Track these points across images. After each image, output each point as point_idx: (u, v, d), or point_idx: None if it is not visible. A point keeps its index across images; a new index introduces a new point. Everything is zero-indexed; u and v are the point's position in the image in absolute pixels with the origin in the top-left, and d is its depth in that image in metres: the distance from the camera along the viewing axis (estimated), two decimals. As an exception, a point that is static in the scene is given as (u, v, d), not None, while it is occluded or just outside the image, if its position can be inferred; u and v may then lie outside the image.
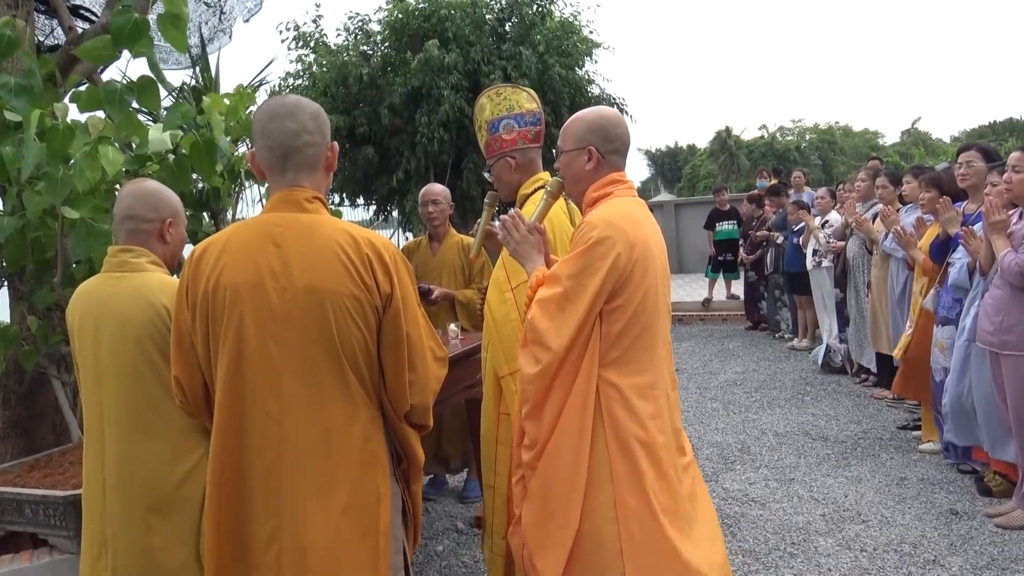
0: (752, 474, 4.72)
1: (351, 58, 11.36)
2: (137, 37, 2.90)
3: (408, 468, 2.06)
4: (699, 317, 11.10)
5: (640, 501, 2.08)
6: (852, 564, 3.47)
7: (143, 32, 2.91)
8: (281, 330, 1.82)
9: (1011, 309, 3.64)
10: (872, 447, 5.08)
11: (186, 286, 1.92)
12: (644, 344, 2.16)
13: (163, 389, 2.17)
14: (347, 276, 1.84)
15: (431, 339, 2.04)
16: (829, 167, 43.50)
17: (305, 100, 1.98)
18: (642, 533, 2.07)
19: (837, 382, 6.93)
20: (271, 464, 1.83)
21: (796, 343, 8.60)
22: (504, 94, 2.99)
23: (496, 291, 2.76)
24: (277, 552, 1.82)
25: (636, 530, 2.07)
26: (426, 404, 2.01)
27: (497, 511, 2.74)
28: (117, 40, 2.93)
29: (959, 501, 4.10)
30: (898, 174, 6.00)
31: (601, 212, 2.18)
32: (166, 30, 2.95)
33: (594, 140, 2.28)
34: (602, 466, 2.10)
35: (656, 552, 2.07)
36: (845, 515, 4.01)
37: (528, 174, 2.97)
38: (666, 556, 2.07)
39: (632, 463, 2.09)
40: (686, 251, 16.15)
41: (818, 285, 7.54)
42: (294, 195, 1.92)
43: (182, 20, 2.98)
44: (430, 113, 10.84)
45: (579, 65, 12.04)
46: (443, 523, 4.22)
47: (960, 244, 4.22)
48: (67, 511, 2.80)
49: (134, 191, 2.33)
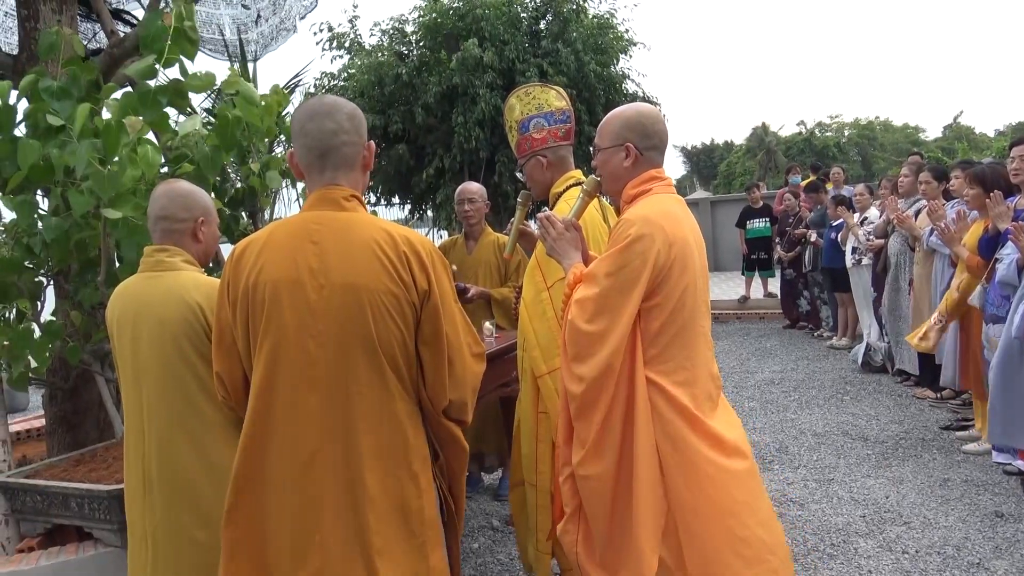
0: (790, 474, 4.66)
1: (387, 59, 11.44)
2: (160, 43, 3.02)
3: (449, 463, 2.06)
4: (736, 315, 10.99)
5: (695, 495, 2.06)
6: (893, 566, 3.41)
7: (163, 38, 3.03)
8: (319, 326, 1.84)
9: (1060, 307, 3.55)
10: (914, 447, 4.99)
11: (227, 283, 1.95)
12: (683, 342, 2.14)
13: (200, 386, 2.21)
14: (384, 273, 1.85)
15: (468, 335, 2.04)
16: (869, 163, 42.83)
17: (342, 100, 2.00)
18: (701, 526, 2.05)
19: (878, 381, 6.82)
20: (311, 458, 1.84)
21: (835, 341, 8.47)
22: (533, 93, 2.99)
23: (532, 290, 2.76)
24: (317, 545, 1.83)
25: (694, 524, 2.05)
26: (464, 400, 2.01)
27: (541, 509, 2.74)
28: (145, 46, 3.05)
29: (1004, 503, 4.00)
30: (942, 169, 5.88)
31: (639, 209, 2.17)
32: (178, 40, 3.07)
33: (632, 137, 2.26)
34: (652, 462, 2.08)
35: (718, 544, 2.05)
36: (886, 516, 3.94)
37: (560, 172, 2.96)
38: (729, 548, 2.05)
39: (683, 458, 2.08)
40: (722, 249, 16.01)
41: (858, 283, 7.42)
42: (332, 193, 1.93)
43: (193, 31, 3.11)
44: (466, 112, 10.87)
45: (614, 62, 11.99)
46: (478, 520, 4.23)
47: (1009, 239, 4.12)
48: (111, 505, 2.87)
49: (167, 192, 2.38)
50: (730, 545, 2.06)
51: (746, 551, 2.06)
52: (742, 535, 2.07)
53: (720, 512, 2.07)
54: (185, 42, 3.12)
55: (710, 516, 2.07)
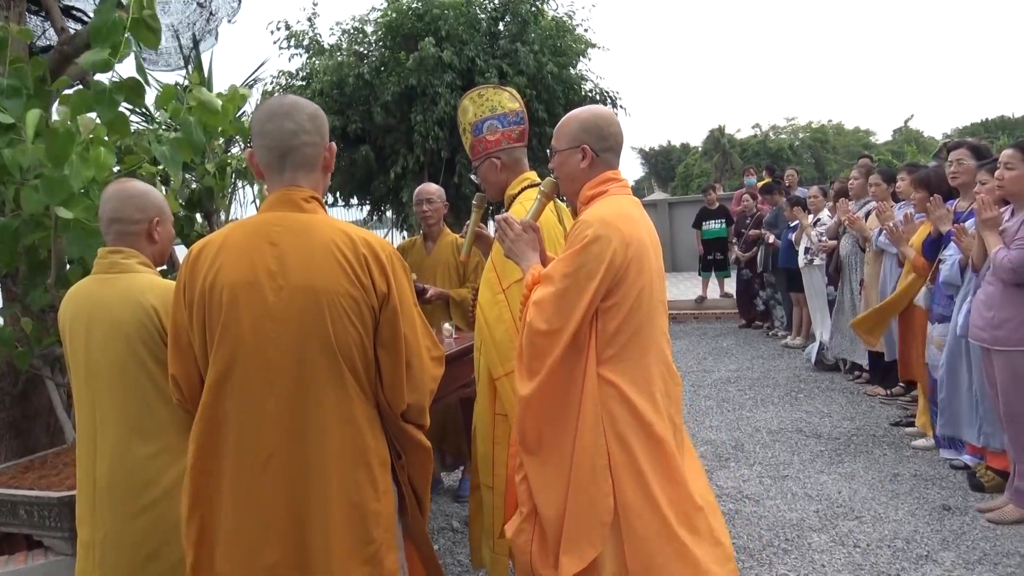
0: (746, 471, 4.74)
1: (346, 59, 11.35)
2: (116, 36, 2.92)
3: (412, 461, 2.06)
4: (693, 315, 11.12)
5: (640, 497, 2.09)
6: (846, 560, 3.49)
7: (119, 30, 2.93)
8: (277, 329, 1.83)
9: (1003, 305, 3.67)
10: (865, 443, 5.11)
11: (183, 285, 1.92)
12: (640, 342, 2.17)
13: (155, 390, 2.18)
14: (344, 275, 1.84)
15: (427, 338, 2.05)
16: (822, 165, 43.59)
17: (303, 100, 1.99)
18: (644, 527, 2.08)
19: (830, 379, 6.96)
20: (266, 462, 1.83)
21: (789, 340, 8.62)
22: (486, 95, 3.00)
23: (488, 292, 2.76)
24: (273, 547, 1.82)
25: (638, 525, 2.08)
26: (422, 403, 2.02)
27: (497, 511, 2.75)
28: (95, 39, 2.95)
29: (952, 497, 4.12)
30: (891, 171, 6.04)
31: (596, 210, 2.19)
32: (137, 30, 2.97)
33: (588, 139, 2.29)
34: (601, 462, 2.11)
35: (661, 547, 2.08)
36: (839, 511, 4.03)
37: (514, 174, 2.97)
38: (672, 552, 2.08)
39: (631, 459, 2.11)
40: (679, 250, 16.21)
41: (810, 283, 7.57)
42: (291, 195, 1.92)
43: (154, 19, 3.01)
44: (425, 112, 10.84)
45: (573, 64, 12.04)
46: (438, 522, 4.23)
47: (952, 241, 4.24)
48: (61, 512, 2.80)
49: (118, 193, 2.33)
50: (675, 551, 2.09)
51: (689, 559, 2.10)
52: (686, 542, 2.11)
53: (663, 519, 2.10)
54: (146, 31, 3.02)
55: (654, 521, 2.10)
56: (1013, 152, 3.73)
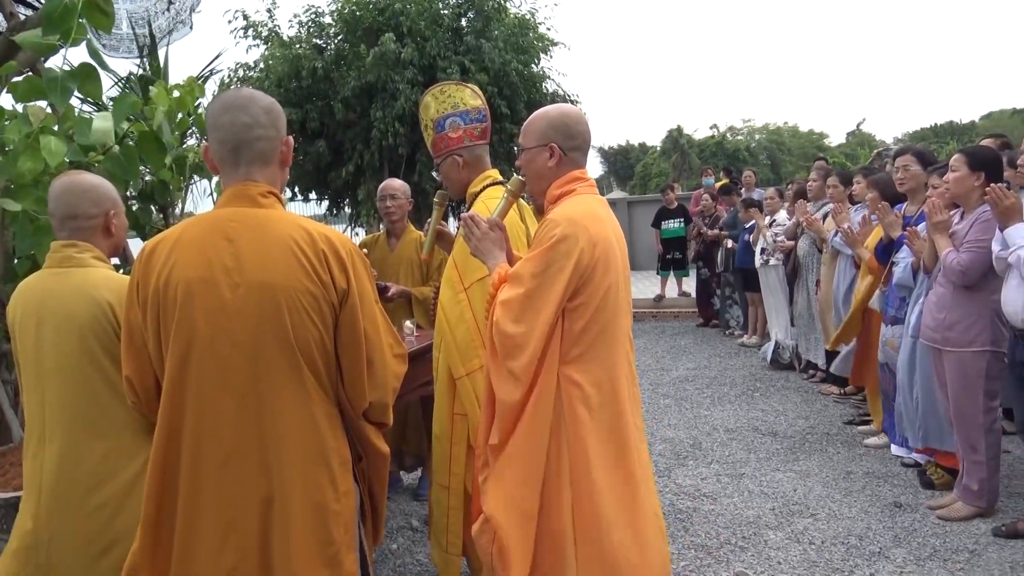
0: (704, 469, 4.79)
1: (304, 51, 11.21)
2: (68, 21, 2.82)
3: (370, 465, 2.04)
4: (651, 314, 11.20)
5: (595, 500, 2.10)
6: (801, 557, 3.54)
7: (72, 15, 2.83)
8: (233, 327, 1.79)
9: (953, 307, 3.75)
10: (819, 442, 5.19)
11: (137, 282, 1.87)
12: (606, 342, 2.17)
13: (108, 387, 2.12)
14: (302, 272, 1.81)
15: (389, 335, 2.02)
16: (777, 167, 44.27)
17: (259, 94, 1.94)
18: (597, 531, 2.09)
19: (786, 378, 7.07)
20: (224, 463, 1.79)
21: (746, 340, 8.73)
22: (448, 91, 2.98)
23: (449, 291, 2.74)
24: (233, 549, 1.79)
25: (592, 531, 2.09)
26: (385, 401, 1.99)
27: (452, 511, 2.73)
28: (49, 25, 2.85)
29: (903, 494, 4.21)
30: (848, 174, 6.14)
31: (564, 210, 2.18)
32: (91, 13, 2.87)
33: (556, 137, 2.28)
34: (562, 465, 2.11)
35: (611, 551, 2.09)
36: (794, 509, 4.09)
37: (477, 171, 2.96)
38: (618, 557, 2.09)
39: (590, 462, 2.11)
40: (638, 248, 16.31)
41: (766, 282, 7.67)
42: (248, 190, 1.88)
43: (107, 3, 2.91)
44: (385, 107, 10.75)
45: (535, 61, 12.05)
46: (397, 521, 4.19)
47: (904, 244, 4.33)
48: (7, 514, 2.71)
49: (71, 188, 2.25)
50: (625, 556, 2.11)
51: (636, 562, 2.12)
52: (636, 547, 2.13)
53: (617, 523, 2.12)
54: (99, 14, 2.93)
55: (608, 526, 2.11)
56: (958, 156, 3.83)
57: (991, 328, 3.68)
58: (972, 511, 3.81)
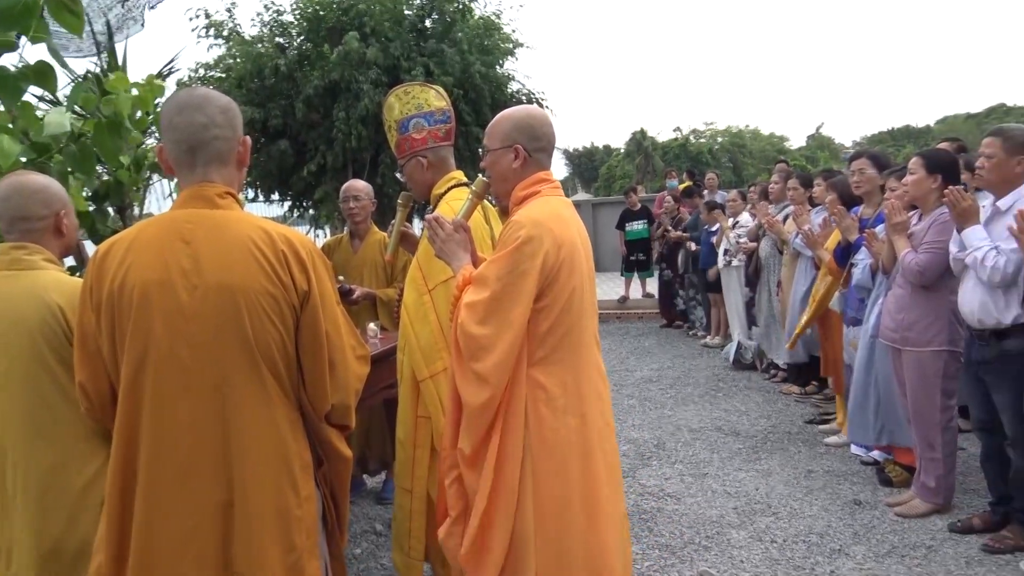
0: (668, 469, 4.81)
1: (266, 49, 11.08)
2: (27, 19, 2.73)
3: (331, 469, 2.01)
4: (616, 315, 11.27)
5: (560, 502, 2.09)
6: (763, 555, 3.57)
7: (33, 14, 2.75)
8: (192, 330, 1.76)
9: (911, 307, 3.82)
10: (781, 441, 5.25)
11: (90, 286, 1.83)
12: (571, 343, 2.16)
13: (59, 392, 2.07)
14: (262, 273, 1.78)
15: (351, 337, 2.00)
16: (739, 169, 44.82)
17: (215, 93, 1.91)
18: (556, 534, 2.09)
19: (748, 378, 7.14)
20: (184, 469, 1.75)
21: (709, 340, 8.81)
22: (412, 92, 2.96)
23: (413, 292, 2.72)
24: (194, 557, 1.75)
25: (552, 533, 2.09)
26: (347, 403, 1.97)
27: (415, 515, 2.71)
28: (5, 22, 2.76)
29: (862, 491, 4.27)
30: (809, 177, 6.22)
31: (529, 211, 2.18)
32: (59, 13, 2.79)
33: (521, 138, 2.27)
34: (525, 467, 2.10)
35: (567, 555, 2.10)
36: (756, 508, 4.13)
37: (441, 173, 2.94)
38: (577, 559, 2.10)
39: (554, 464, 2.10)
40: (603, 250, 16.38)
41: (729, 284, 7.76)
42: (205, 191, 1.85)
43: (76, 3, 2.83)
44: (348, 108, 10.66)
45: (500, 63, 12.05)
46: (361, 525, 4.15)
47: (863, 246, 4.40)
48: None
49: (19, 189, 2.19)
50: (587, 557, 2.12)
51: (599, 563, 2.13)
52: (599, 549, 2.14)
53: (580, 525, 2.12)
54: (67, 14, 2.84)
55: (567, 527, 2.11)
56: (916, 159, 3.90)
57: (948, 328, 3.76)
58: (929, 508, 3.88)
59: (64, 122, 2.99)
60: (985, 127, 33.50)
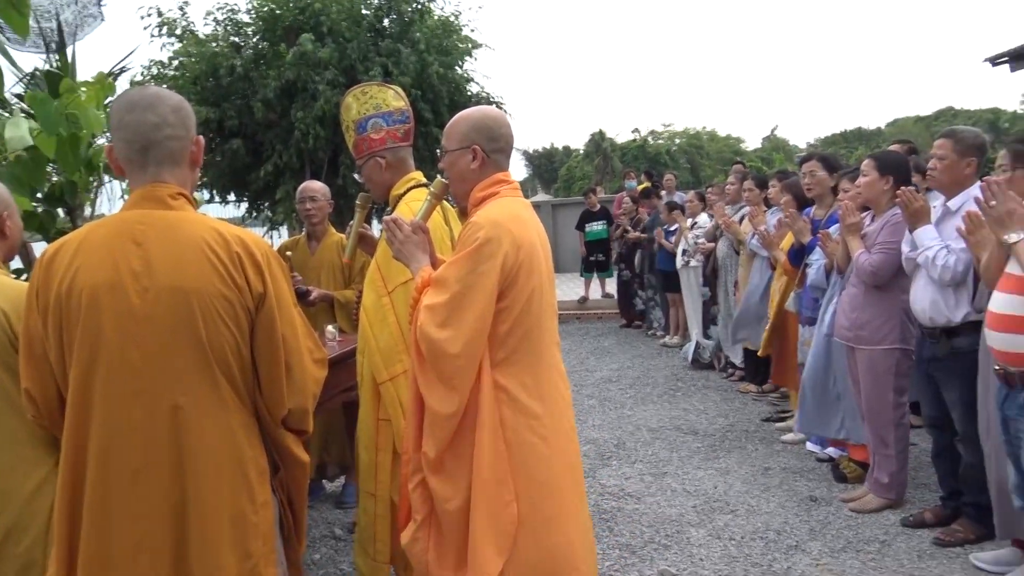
0: (628, 469, 4.84)
1: (221, 49, 10.91)
2: None
3: (288, 475, 1.98)
4: (576, 316, 11.30)
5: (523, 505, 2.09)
6: (722, 553, 3.61)
7: None
8: (143, 333, 1.72)
9: (865, 306, 3.89)
10: (739, 439, 5.31)
11: (36, 289, 1.77)
12: (530, 344, 2.16)
13: (4, 398, 2.01)
14: (216, 275, 1.75)
15: (308, 340, 1.97)
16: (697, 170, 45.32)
17: (167, 92, 1.87)
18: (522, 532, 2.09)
19: (706, 377, 7.22)
20: (135, 475, 1.71)
21: (667, 340, 8.89)
22: (370, 92, 2.93)
23: (372, 295, 2.69)
24: (146, 567, 1.71)
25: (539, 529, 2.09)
26: (304, 407, 1.94)
27: (380, 519, 2.68)
28: None
29: (817, 488, 4.34)
30: (764, 178, 6.31)
31: (487, 212, 2.17)
32: (5, 12, 2.71)
33: (479, 139, 2.26)
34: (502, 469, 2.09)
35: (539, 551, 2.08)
36: (715, 506, 4.17)
37: (400, 174, 2.92)
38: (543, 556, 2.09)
39: (516, 465, 2.10)
40: (562, 251, 16.44)
41: (687, 284, 7.83)
42: (157, 191, 1.81)
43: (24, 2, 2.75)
44: (305, 108, 10.55)
45: (459, 64, 12.02)
46: (320, 530, 4.10)
47: (817, 247, 4.47)
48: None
49: None
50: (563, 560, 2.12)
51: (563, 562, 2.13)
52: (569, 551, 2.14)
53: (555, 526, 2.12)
54: (11, 11, 2.75)
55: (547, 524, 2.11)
56: (868, 161, 3.98)
57: (900, 327, 3.83)
58: (882, 503, 3.95)
59: (26, 137, 2.90)
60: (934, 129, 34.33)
